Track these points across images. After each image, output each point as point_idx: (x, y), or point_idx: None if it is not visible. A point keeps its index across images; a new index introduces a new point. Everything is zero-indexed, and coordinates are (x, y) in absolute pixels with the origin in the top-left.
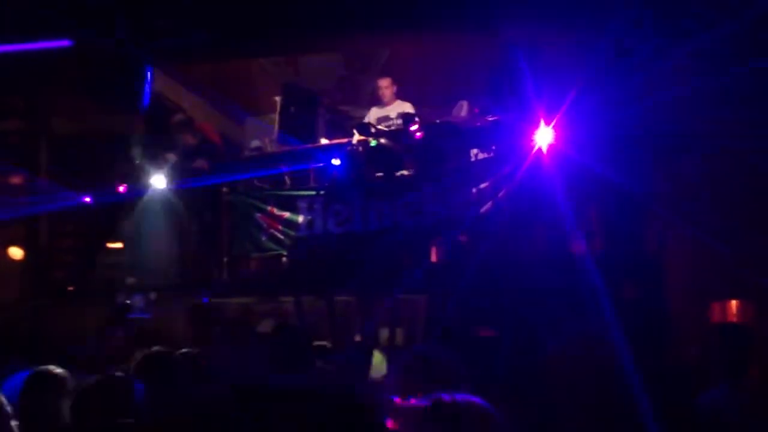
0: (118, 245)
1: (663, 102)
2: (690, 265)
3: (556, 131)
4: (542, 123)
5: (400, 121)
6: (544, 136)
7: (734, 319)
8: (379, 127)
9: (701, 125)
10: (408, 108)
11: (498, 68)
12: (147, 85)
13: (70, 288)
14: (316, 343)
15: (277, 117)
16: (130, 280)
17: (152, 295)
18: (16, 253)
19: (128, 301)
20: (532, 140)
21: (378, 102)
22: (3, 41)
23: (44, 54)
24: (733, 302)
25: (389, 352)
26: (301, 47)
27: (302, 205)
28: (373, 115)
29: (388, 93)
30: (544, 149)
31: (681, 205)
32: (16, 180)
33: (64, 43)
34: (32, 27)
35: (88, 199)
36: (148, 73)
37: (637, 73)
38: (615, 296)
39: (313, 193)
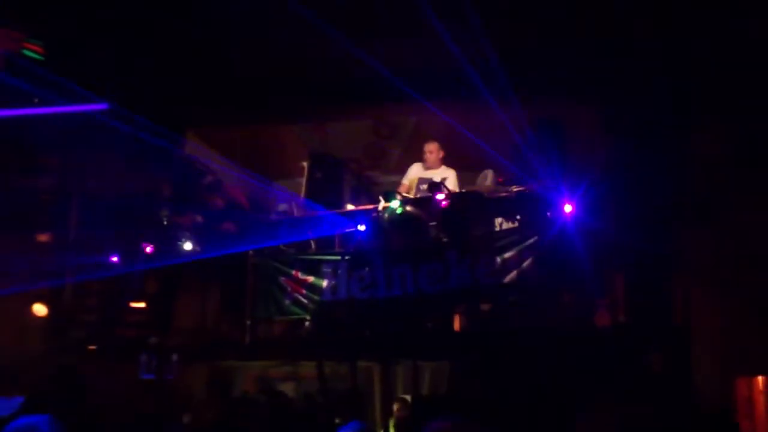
0: (142, 305)
1: (685, 172)
2: (718, 337)
3: (580, 202)
4: (566, 194)
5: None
6: (568, 207)
7: (760, 396)
8: (421, 188)
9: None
10: (452, 175)
11: (523, 139)
12: (177, 148)
13: (92, 347)
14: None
15: (304, 182)
16: (153, 340)
17: (174, 356)
18: (40, 310)
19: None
20: (556, 211)
21: (424, 162)
22: (43, 103)
23: (80, 115)
24: (760, 378)
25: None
26: (329, 114)
27: (327, 269)
28: (413, 171)
29: (432, 157)
30: (569, 220)
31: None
32: (44, 237)
33: (101, 106)
34: (72, 90)
35: (115, 259)
36: (179, 136)
37: (660, 146)
38: (641, 369)
39: (338, 258)
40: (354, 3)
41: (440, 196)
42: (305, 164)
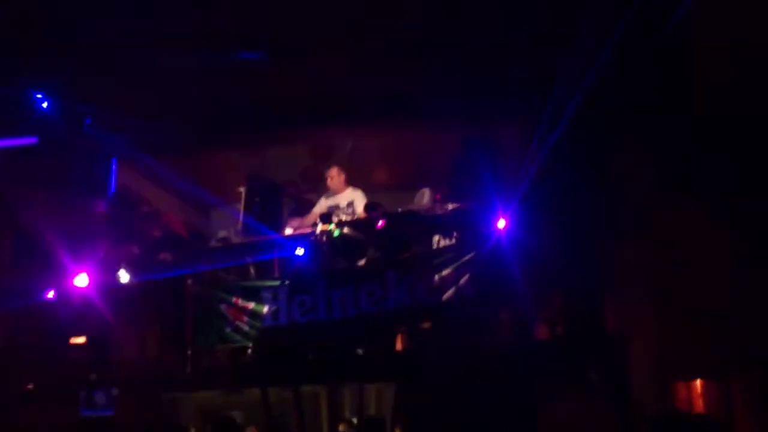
0: (81, 340)
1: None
2: (654, 344)
3: (513, 218)
4: (500, 210)
5: (350, 210)
6: (502, 223)
7: (699, 400)
8: (342, 216)
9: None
10: (359, 195)
11: (458, 157)
12: (112, 178)
13: (30, 386)
14: None
15: (242, 207)
16: (93, 376)
17: (114, 391)
18: None
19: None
20: (492, 227)
21: (326, 191)
22: None
23: (10, 150)
24: (698, 382)
25: None
26: (265, 140)
27: (267, 295)
28: (323, 204)
29: (336, 182)
30: (503, 235)
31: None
32: None
33: (30, 140)
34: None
35: (50, 295)
36: (113, 166)
37: (593, 160)
38: (580, 380)
39: (278, 283)
40: (289, 27)
41: (377, 217)
42: (242, 189)
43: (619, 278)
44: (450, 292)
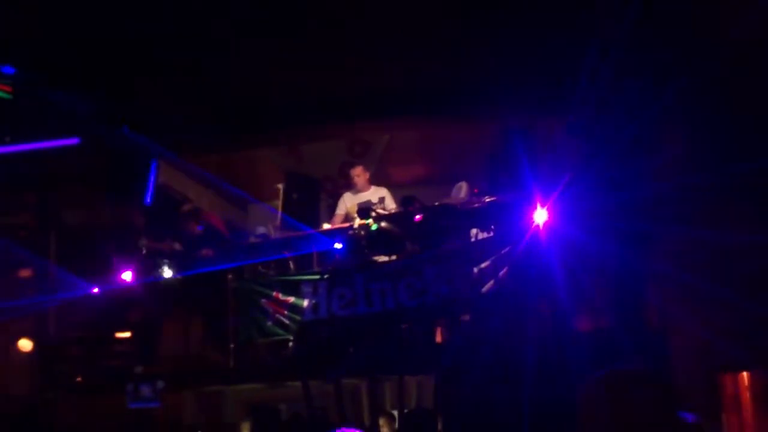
0: (126, 334)
1: (659, 180)
2: (698, 336)
3: (553, 210)
4: (539, 202)
5: (381, 205)
6: (541, 216)
7: (745, 393)
8: (379, 210)
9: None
10: (386, 193)
11: (496, 150)
12: (152, 177)
13: (79, 379)
14: None
15: (280, 204)
16: (139, 369)
17: (160, 384)
18: (25, 345)
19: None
20: (530, 219)
21: (352, 188)
22: (16, 141)
23: (55, 151)
24: (745, 374)
25: None
26: (303, 136)
27: (307, 289)
28: (347, 199)
29: (361, 180)
30: (543, 227)
31: (682, 277)
32: (26, 273)
33: (73, 140)
34: (43, 127)
35: (96, 290)
36: (154, 165)
37: (634, 151)
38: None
39: (317, 277)
40: (323, 23)
41: (414, 211)
42: (281, 186)
43: (662, 272)
44: (489, 285)
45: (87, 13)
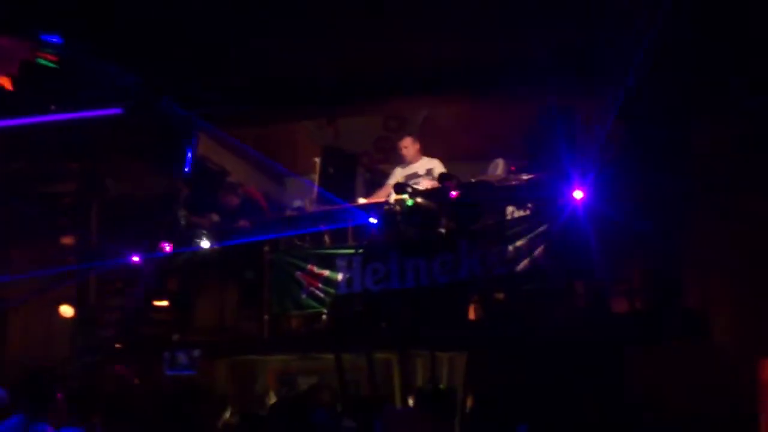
0: (164, 303)
1: (700, 160)
2: (737, 319)
3: (591, 189)
4: (577, 181)
5: (429, 177)
6: (579, 194)
7: None
8: (415, 184)
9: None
10: (436, 164)
11: (533, 127)
12: (192, 149)
13: (118, 345)
14: None
15: (316, 177)
16: (176, 337)
17: (196, 353)
18: (67, 311)
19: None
20: (567, 198)
21: (401, 161)
22: (60, 110)
23: (97, 121)
24: None
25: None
26: (340, 110)
27: (341, 263)
28: (398, 174)
29: (411, 152)
30: (580, 206)
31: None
32: (68, 240)
33: (115, 111)
34: (87, 97)
35: (136, 259)
36: (194, 137)
37: (673, 132)
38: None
39: (352, 251)
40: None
41: (450, 187)
42: (317, 160)
43: (700, 250)
44: (524, 263)
45: None
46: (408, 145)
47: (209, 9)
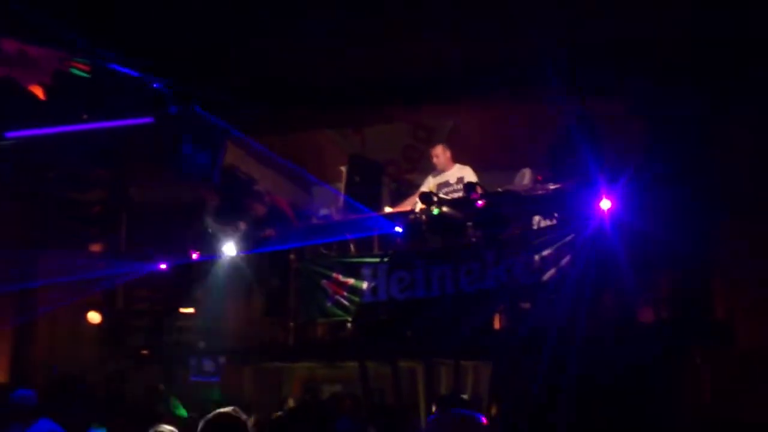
0: (191, 310)
1: (728, 168)
2: (765, 330)
3: (618, 199)
4: (604, 191)
5: (460, 186)
6: (606, 204)
7: None
8: (441, 195)
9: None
10: (468, 172)
11: (560, 137)
12: (220, 157)
13: (144, 351)
14: None
15: (343, 186)
16: (202, 344)
17: (221, 359)
18: (94, 317)
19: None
20: (594, 207)
21: (433, 170)
22: (90, 119)
23: (128, 129)
24: None
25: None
26: (367, 118)
27: (366, 271)
28: (431, 183)
29: (442, 160)
30: (607, 216)
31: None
32: (96, 248)
33: (146, 119)
34: (116, 106)
35: (163, 266)
36: (222, 146)
37: (700, 140)
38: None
39: (377, 260)
40: (390, 6)
41: (476, 197)
42: (344, 168)
43: (728, 261)
44: (550, 273)
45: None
46: (440, 153)
47: (233, 14)
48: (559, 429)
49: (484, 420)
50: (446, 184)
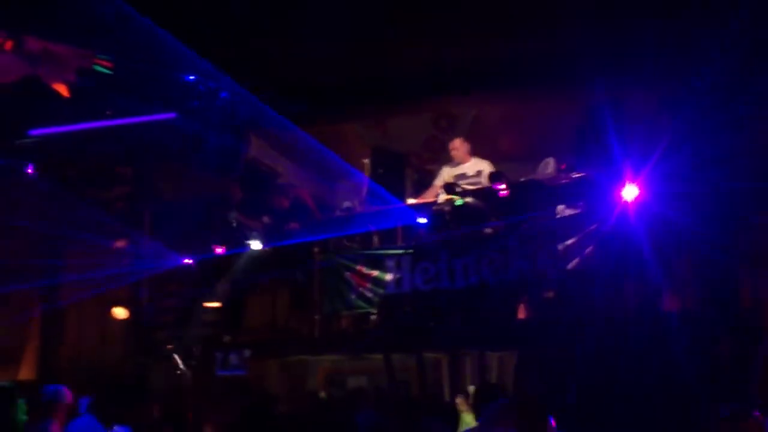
0: (216, 304)
1: (754, 156)
2: None
3: (642, 187)
4: (628, 179)
5: (479, 178)
6: (630, 192)
7: None
8: (464, 185)
9: None
10: (486, 165)
11: (584, 125)
12: (243, 151)
13: (170, 347)
14: None
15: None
16: (227, 338)
17: (247, 353)
18: (120, 313)
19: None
20: (618, 196)
21: (450, 161)
22: (116, 115)
23: (151, 124)
24: None
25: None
26: (390, 110)
27: (390, 263)
28: (445, 174)
29: (459, 153)
30: (632, 204)
31: None
32: (121, 243)
33: (169, 115)
34: (140, 101)
35: (188, 260)
36: (246, 139)
37: (726, 127)
38: (711, 352)
39: (401, 251)
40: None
41: (500, 186)
42: (367, 161)
43: (755, 250)
44: (575, 262)
45: None
46: (458, 146)
47: (263, 13)
48: (582, 419)
49: None
50: (463, 176)
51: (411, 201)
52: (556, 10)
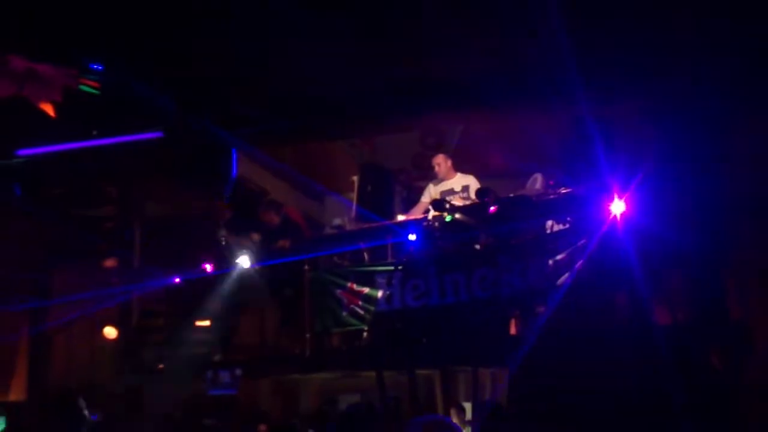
0: (206, 323)
1: (739, 168)
2: None
3: (630, 201)
4: (616, 193)
5: (466, 194)
6: (618, 207)
7: None
8: (452, 201)
9: None
10: (472, 181)
11: (571, 141)
12: (232, 170)
13: (160, 366)
14: None
15: (355, 196)
16: (217, 357)
17: (238, 371)
18: (110, 332)
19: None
20: (607, 211)
21: (434, 178)
22: (102, 135)
23: (138, 144)
24: None
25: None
26: (377, 128)
27: (381, 280)
28: (432, 190)
29: (443, 168)
30: (620, 218)
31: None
32: (110, 263)
33: (156, 134)
34: (127, 121)
35: (177, 280)
36: (234, 158)
37: (711, 140)
38: (701, 365)
39: (392, 268)
40: (398, 14)
41: (489, 203)
42: (355, 178)
43: (742, 262)
44: (565, 277)
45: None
46: (440, 162)
47: (245, 33)
48: None
49: None
50: (450, 192)
51: (400, 217)
52: (539, 27)
